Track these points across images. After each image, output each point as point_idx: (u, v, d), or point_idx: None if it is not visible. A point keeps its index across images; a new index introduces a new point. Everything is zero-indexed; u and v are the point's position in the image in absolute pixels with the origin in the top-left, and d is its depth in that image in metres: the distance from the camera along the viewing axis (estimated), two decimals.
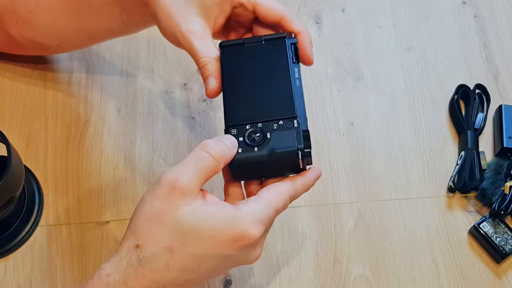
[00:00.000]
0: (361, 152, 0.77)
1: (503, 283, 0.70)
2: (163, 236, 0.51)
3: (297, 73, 0.59)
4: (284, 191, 0.54)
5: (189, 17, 0.59)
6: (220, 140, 0.53)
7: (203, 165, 0.52)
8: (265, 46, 0.59)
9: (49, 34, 0.69)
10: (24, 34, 0.70)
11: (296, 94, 0.57)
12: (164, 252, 0.50)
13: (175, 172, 0.52)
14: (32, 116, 0.76)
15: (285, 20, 0.60)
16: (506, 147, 0.76)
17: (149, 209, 0.52)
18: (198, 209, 0.51)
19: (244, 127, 0.55)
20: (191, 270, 0.51)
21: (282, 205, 0.54)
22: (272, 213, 0.53)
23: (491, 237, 0.71)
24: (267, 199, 0.53)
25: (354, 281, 0.70)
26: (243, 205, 0.52)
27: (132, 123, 0.77)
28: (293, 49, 0.59)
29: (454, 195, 0.75)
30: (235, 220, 0.51)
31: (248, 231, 0.51)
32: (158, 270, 0.51)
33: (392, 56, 0.84)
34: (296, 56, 0.60)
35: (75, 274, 0.68)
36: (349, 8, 0.87)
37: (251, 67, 0.59)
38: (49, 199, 0.71)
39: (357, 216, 0.73)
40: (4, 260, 0.68)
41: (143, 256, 0.51)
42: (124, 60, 0.81)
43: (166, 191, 0.51)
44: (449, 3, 0.89)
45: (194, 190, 0.51)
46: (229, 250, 0.51)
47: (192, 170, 0.52)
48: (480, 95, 0.81)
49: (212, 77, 0.58)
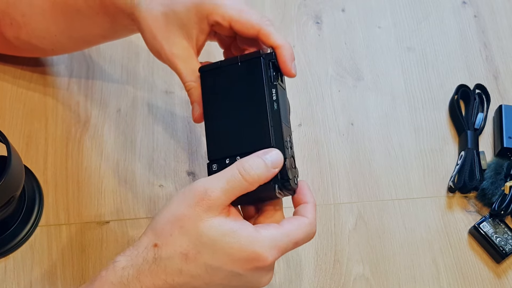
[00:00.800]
0: (361, 152, 0.77)
1: (503, 283, 0.70)
2: (182, 242, 0.51)
3: (275, 94, 0.56)
4: (305, 224, 0.54)
5: (171, 39, 0.59)
6: (262, 160, 0.53)
7: (235, 185, 0.52)
8: (241, 67, 0.58)
9: (43, 38, 0.70)
10: (19, 37, 0.70)
11: (273, 120, 0.55)
12: (179, 257, 0.51)
13: (207, 183, 0.52)
14: (32, 116, 0.76)
15: (263, 34, 0.58)
16: (506, 147, 0.76)
17: (174, 213, 0.52)
18: (220, 224, 0.51)
19: (224, 161, 0.55)
20: (202, 279, 0.52)
21: (302, 238, 0.54)
22: (290, 244, 0.53)
23: (491, 237, 0.71)
24: (287, 229, 0.53)
25: (354, 281, 0.70)
26: (262, 229, 0.53)
27: (132, 123, 0.77)
28: (271, 66, 0.57)
29: (454, 195, 0.75)
30: (253, 242, 0.51)
31: (264, 255, 0.51)
32: (171, 273, 0.51)
33: (392, 56, 0.84)
34: (276, 72, 0.57)
35: (75, 274, 0.68)
36: (349, 8, 0.87)
37: (229, 92, 0.57)
38: (49, 199, 0.71)
39: (357, 216, 0.73)
40: (4, 260, 0.68)
41: (159, 256, 0.52)
42: (124, 60, 0.81)
43: (195, 200, 0.52)
44: (449, 3, 0.89)
45: (221, 206, 0.52)
46: (242, 269, 0.52)
47: (223, 186, 0.52)
48: (480, 95, 0.81)
49: (196, 103, 0.59)
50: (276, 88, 0.56)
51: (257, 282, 0.54)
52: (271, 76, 0.56)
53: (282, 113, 0.56)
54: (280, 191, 0.54)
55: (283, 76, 0.58)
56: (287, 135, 0.56)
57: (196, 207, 0.51)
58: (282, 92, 0.57)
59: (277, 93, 0.56)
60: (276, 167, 0.53)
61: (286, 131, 0.56)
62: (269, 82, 0.56)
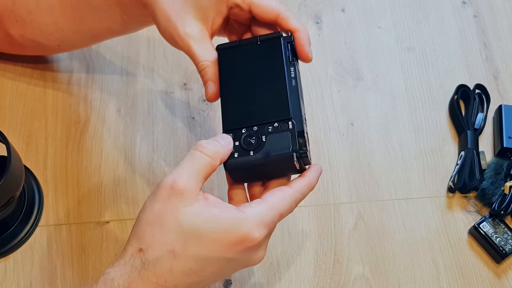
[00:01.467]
0: (361, 152, 0.77)
1: (503, 283, 0.70)
2: (165, 239, 0.51)
3: (293, 72, 0.58)
4: (289, 194, 0.54)
5: (186, 20, 0.59)
6: (214, 139, 0.54)
7: (199, 164, 0.52)
8: (261, 46, 0.59)
9: (49, 35, 0.69)
10: (24, 34, 0.70)
11: (291, 94, 0.56)
12: (167, 255, 0.50)
13: (172, 174, 0.52)
14: (32, 116, 0.76)
15: (282, 18, 0.59)
16: (506, 147, 0.76)
17: (150, 213, 0.52)
18: (200, 210, 0.51)
19: (240, 131, 0.55)
20: (194, 273, 0.51)
21: (287, 209, 0.54)
22: (276, 216, 0.53)
23: (491, 237, 0.71)
24: (271, 202, 0.53)
25: (354, 281, 0.70)
26: (246, 208, 0.52)
27: (132, 123, 0.77)
28: (289, 47, 0.59)
29: (454, 195, 0.75)
30: (238, 222, 0.51)
31: (250, 234, 0.51)
32: (161, 274, 0.51)
33: (392, 56, 0.84)
34: (293, 55, 0.59)
35: (75, 274, 0.68)
36: (349, 8, 0.87)
37: (247, 69, 0.58)
38: (49, 199, 0.71)
39: (357, 216, 0.73)
40: (4, 260, 0.68)
41: (146, 259, 0.51)
42: (124, 60, 0.81)
43: (165, 193, 0.51)
44: (449, 3, 0.89)
45: (194, 190, 0.51)
46: (232, 253, 0.51)
47: (188, 170, 0.52)
48: (480, 95, 0.81)
49: (211, 81, 0.58)
50: (295, 67, 0.58)
51: (249, 261, 0.53)
52: (289, 56, 0.58)
53: (300, 91, 0.57)
54: (298, 161, 0.54)
55: (298, 62, 0.60)
56: (303, 111, 0.57)
57: (170, 199, 0.51)
58: (298, 73, 0.58)
59: (295, 71, 0.57)
60: (228, 145, 0.54)
61: (303, 108, 0.57)
62: (288, 61, 0.58)
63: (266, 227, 0.52)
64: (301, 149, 0.54)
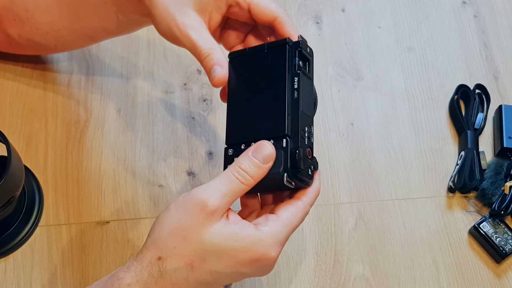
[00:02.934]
0: (361, 152, 0.77)
1: (503, 283, 0.70)
2: (186, 252, 0.51)
3: (297, 83, 0.55)
4: (300, 208, 0.55)
5: (184, 11, 0.58)
6: (251, 158, 0.53)
7: (233, 189, 0.52)
8: (267, 55, 0.56)
9: (46, 34, 0.69)
10: (22, 33, 0.70)
11: (291, 108, 0.54)
12: (185, 267, 0.51)
13: (207, 191, 0.52)
14: (32, 116, 0.76)
15: (279, 22, 0.58)
16: (506, 147, 0.76)
17: (176, 224, 0.52)
18: (222, 228, 0.51)
19: (239, 147, 0.54)
20: (208, 283, 0.53)
21: (299, 222, 0.55)
22: (290, 232, 0.54)
23: (491, 237, 0.71)
24: (285, 219, 0.53)
25: (354, 281, 0.70)
26: (263, 226, 0.53)
27: (132, 123, 0.77)
28: (297, 54, 0.56)
29: (454, 195, 0.75)
30: (256, 242, 0.52)
31: (268, 253, 0.52)
32: (177, 283, 0.52)
33: (392, 56, 0.84)
34: (304, 63, 0.56)
35: (75, 274, 0.68)
36: (349, 8, 0.87)
37: (253, 79, 0.57)
38: (49, 199, 0.71)
39: (357, 216, 0.73)
40: (4, 260, 0.68)
41: (164, 269, 0.51)
42: (124, 60, 0.81)
43: (197, 209, 0.51)
44: (449, 3, 0.89)
45: (222, 211, 0.52)
46: (247, 269, 0.52)
47: (223, 192, 0.52)
48: (480, 95, 0.81)
49: (218, 65, 0.56)
50: (299, 77, 0.55)
51: (260, 274, 0.55)
52: (296, 64, 0.55)
53: (303, 102, 0.55)
54: (290, 180, 0.53)
55: (311, 66, 0.57)
56: (305, 125, 0.54)
57: (199, 216, 0.51)
58: (306, 82, 0.56)
59: (299, 81, 0.55)
60: (267, 161, 0.53)
61: (305, 121, 0.55)
62: (293, 70, 0.55)
63: (282, 245, 0.53)
64: (294, 168, 0.53)
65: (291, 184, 0.53)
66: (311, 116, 0.56)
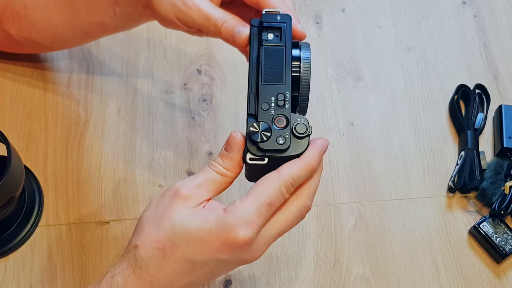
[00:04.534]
0: (361, 152, 0.77)
1: (503, 283, 0.70)
2: (158, 237, 0.50)
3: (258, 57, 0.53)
4: (273, 180, 0.50)
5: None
6: (222, 151, 0.53)
7: (210, 178, 0.52)
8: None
9: (43, 31, 0.69)
10: (20, 31, 0.70)
11: (254, 85, 0.53)
12: (158, 254, 0.50)
13: (183, 181, 0.52)
14: (32, 116, 0.76)
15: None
16: (506, 147, 0.76)
17: (151, 211, 0.52)
18: (193, 213, 0.50)
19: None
20: (186, 272, 0.51)
21: (275, 196, 0.49)
22: (262, 208, 0.49)
23: (491, 237, 0.71)
24: (253, 195, 0.49)
25: (354, 281, 0.70)
26: (230, 207, 0.50)
27: (132, 123, 0.77)
28: (264, 30, 0.54)
29: (454, 195, 0.75)
30: (222, 223, 0.49)
31: (234, 234, 0.48)
32: (154, 273, 0.50)
33: (392, 56, 0.84)
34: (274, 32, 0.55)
35: (75, 274, 0.68)
36: (349, 8, 0.87)
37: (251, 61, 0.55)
38: (49, 199, 0.71)
39: (357, 216, 0.73)
40: (4, 260, 0.68)
41: (139, 256, 0.50)
42: (124, 60, 0.81)
43: (170, 196, 0.51)
44: (449, 3, 0.89)
45: (198, 197, 0.51)
46: (221, 255, 0.50)
47: (198, 181, 0.52)
48: (480, 95, 0.81)
49: (240, 26, 0.55)
50: (260, 51, 0.54)
51: (244, 260, 0.51)
52: (265, 38, 0.54)
53: (266, 74, 0.53)
54: (255, 157, 0.51)
55: (284, 32, 0.55)
56: (271, 95, 0.52)
57: (172, 201, 0.51)
58: (271, 51, 0.54)
59: (260, 55, 0.54)
60: (232, 149, 0.52)
61: (270, 91, 0.53)
62: (259, 45, 0.54)
63: (252, 224, 0.49)
64: (252, 144, 0.51)
65: (261, 161, 0.51)
66: (283, 83, 0.53)
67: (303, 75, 0.54)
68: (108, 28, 0.69)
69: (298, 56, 0.55)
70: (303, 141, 0.52)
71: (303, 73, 0.54)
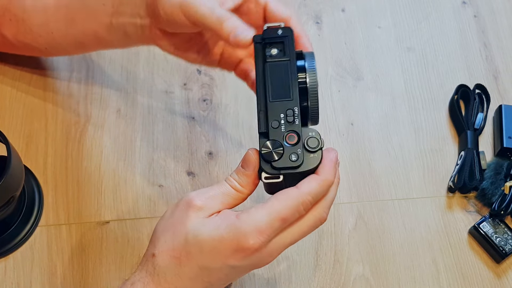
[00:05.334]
0: (361, 152, 0.77)
1: (503, 283, 0.70)
2: (173, 246, 0.52)
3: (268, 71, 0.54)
4: (292, 197, 0.51)
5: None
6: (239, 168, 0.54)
7: (225, 191, 0.53)
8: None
9: (39, 36, 0.69)
10: (16, 35, 0.70)
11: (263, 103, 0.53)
12: (173, 262, 0.52)
13: (197, 191, 0.53)
14: (32, 116, 0.76)
15: (291, 23, 0.58)
16: (506, 147, 0.76)
17: (166, 220, 0.53)
18: (206, 221, 0.51)
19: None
20: (201, 279, 0.52)
21: (291, 213, 0.50)
22: (275, 222, 0.50)
23: (491, 237, 0.71)
24: (270, 207, 0.50)
25: (354, 281, 0.70)
26: (244, 214, 0.51)
27: (132, 123, 0.77)
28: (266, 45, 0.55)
29: (454, 195, 0.75)
30: (233, 229, 0.50)
31: (245, 241, 0.49)
32: (171, 281, 0.52)
33: (392, 56, 0.84)
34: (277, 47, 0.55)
35: (75, 274, 0.68)
36: (349, 8, 0.87)
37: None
38: (49, 199, 0.71)
39: (357, 216, 0.73)
40: (4, 260, 0.68)
41: (157, 265, 0.52)
42: (124, 60, 0.81)
43: (184, 206, 0.52)
44: (449, 3, 0.89)
45: (211, 208, 0.52)
46: (232, 261, 0.51)
47: (212, 193, 0.53)
48: (480, 95, 0.81)
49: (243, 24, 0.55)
50: (265, 67, 0.54)
51: (255, 266, 0.52)
52: (266, 55, 0.55)
53: (273, 90, 0.53)
54: (270, 176, 0.52)
55: (287, 46, 0.55)
56: (280, 112, 0.53)
57: (187, 211, 0.52)
58: (277, 67, 0.54)
59: (265, 71, 0.54)
60: (247, 165, 0.53)
61: (279, 108, 0.53)
62: (263, 63, 0.55)
63: (263, 234, 0.50)
64: (265, 162, 0.52)
65: (276, 179, 0.52)
66: (291, 98, 0.53)
67: (310, 86, 0.54)
68: (102, 41, 0.68)
69: (304, 66, 0.55)
70: (316, 154, 0.52)
71: (310, 84, 0.54)
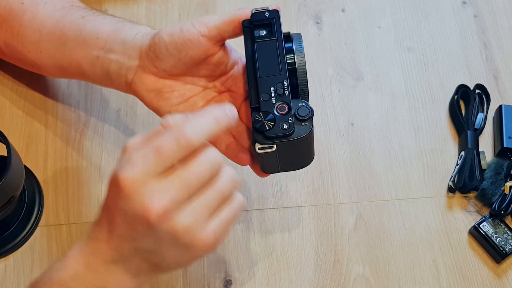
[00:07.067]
0: (361, 152, 0.77)
1: (503, 283, 0.70)
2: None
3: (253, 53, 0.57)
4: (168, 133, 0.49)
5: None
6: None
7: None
8: None
9: (28, 52, 0.69)
10: (7, 45, 0.70)
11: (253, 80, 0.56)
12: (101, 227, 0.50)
13: None
14: (32, 116, 0.76)
15: None
16: (506, 147, 0.76)
17: None
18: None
19: None
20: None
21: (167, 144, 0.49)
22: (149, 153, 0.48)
23: (491, 237, 0.71)
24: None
25: (354, 281, 0.70)
26: None
27: (132, 123, 0.77)
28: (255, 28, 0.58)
29: (454, 195, 0.75)
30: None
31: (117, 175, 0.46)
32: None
33: (392, 56, 0.84)
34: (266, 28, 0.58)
35: None
36: (349, 8, 0.87)
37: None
38: (49, 199, 0.71)
39: (357, 216, 0.73)
40: (4, 260, 0.68)
41: None
42: None
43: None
44: (449, 3, 0.89)
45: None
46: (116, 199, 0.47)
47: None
48: (480, 95, 0.81)
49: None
50: (254, 47, 0.57)
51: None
52: (257, 35, 0.57)
53: (262, 67, 0.56)
54: (264, 146, 0.53)
55: (274, 26, 0.58)
56: (270, 85, 0.55)
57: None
58: (265, 45, 0.57)
59: (254, 50, 0.57)
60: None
61: (268, 83, 0.55)
62: (252, 42, 0.57)
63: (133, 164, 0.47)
64: (258, 133, 0.53)
65: (270, 149, 0.53)
66: (280, 73, 0.56)
67: (299, 66, 0.57)
68: (83, 72, 0.66)
69: (291, 48, 0.58)
70: (307, 123, 0.54)
71: (298, 64, 0.57)
